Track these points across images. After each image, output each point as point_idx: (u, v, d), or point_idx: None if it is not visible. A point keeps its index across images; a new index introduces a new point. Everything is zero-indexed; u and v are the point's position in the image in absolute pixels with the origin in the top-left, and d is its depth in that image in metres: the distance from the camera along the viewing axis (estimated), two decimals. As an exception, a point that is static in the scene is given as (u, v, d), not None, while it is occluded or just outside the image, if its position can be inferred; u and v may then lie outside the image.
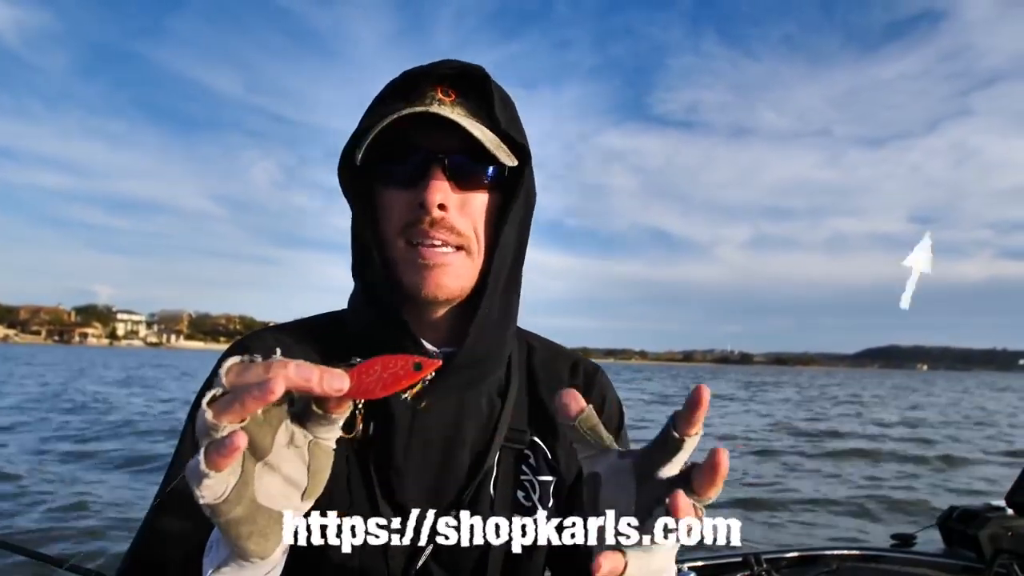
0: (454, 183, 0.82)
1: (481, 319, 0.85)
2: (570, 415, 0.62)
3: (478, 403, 0.89)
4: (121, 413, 15.95)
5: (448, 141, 0.80)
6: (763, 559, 2.42)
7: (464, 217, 0.83)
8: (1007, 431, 19.02)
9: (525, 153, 0.86)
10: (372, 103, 0.86)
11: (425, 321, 0.87)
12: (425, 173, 0.81)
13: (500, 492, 0.87)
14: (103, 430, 13.12)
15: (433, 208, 0.80)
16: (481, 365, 0.88)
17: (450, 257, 0.82)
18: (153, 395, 22.70)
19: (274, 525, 0.55)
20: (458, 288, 0.84)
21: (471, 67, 0.84)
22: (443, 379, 0.85)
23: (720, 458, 0.53)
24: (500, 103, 0.85)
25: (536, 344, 1.00)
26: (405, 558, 0.82)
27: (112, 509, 6.90)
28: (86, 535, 5.99)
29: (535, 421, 0.93)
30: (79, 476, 8.64)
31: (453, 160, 0.81)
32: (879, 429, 18.35)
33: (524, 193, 0.87)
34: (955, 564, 2.59)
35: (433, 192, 0.80)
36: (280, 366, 0.51)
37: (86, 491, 7.62)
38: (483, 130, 0.82)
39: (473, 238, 0.84)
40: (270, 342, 0.88)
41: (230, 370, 0.51)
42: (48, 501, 7.10)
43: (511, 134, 0.84)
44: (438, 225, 0.81)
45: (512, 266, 0.89)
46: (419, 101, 0.81)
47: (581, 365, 0.99)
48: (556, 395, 0.63)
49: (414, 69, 0.84)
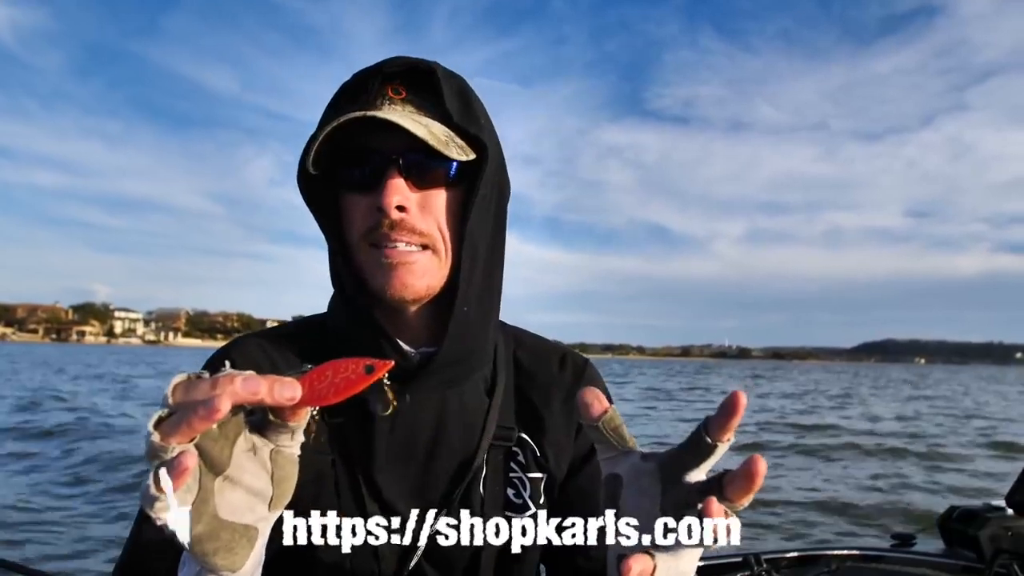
0: (412, 183, 0.80)
1: (458, 317, 0.83)
2: (593, 416, 0.61)
3: (462, 401, 0.88)
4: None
5: (403, 141, 0.78)
6: (763, 559, 2.42)
7: (426, 216, 0.81)
8: (998, 424, 19.09)
9: (483, 144, 0.83)
10: (326, 107, 0.85)
11: (402, 322, 0.86)
12: (381, 176, 0.80)
13: (490, 490, 0.87)
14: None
15: (391, 210, 0.78)
16: (462, 364, 0.87)
17: (414, 256, 0.81)
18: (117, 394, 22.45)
19: (240, 539, 0.54)
20: (424, 287, 0.82)
21: (417, 62, 0.83)
22: (423, 379, 0.84)
23: (758, 467, 0.53)
24: (452, 96, 0.83)
25: (523, 339, 0.99)
26: (396, 558, 0.81)
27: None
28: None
29: (523, 417, 0.92)
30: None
31: (408, 159, 0.80)
32: (874, 424, 18.39)
33: (487, 186, 0.84)
34: (955, 564, 2.59)
35: (390, 195, 0.78)
36: (226, 381, 0.50)
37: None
38: (429, 127, 0.79)
39: (438, 236, 0.82)
40: (251, 349, 0.88)
41: (176, 389, 0.51)
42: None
43: (463, 126, 0.82)
44: (399, 227, 0.80)
45: (487, 261, 0.86)
46: (368, 103, 0.80)
47: (569, 358, 0.98)
48: (578, 394, 0.62)
49: (363, 69, 0.83)
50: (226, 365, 0.54)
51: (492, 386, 0.91)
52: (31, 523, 6.59)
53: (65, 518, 6.92)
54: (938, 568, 2.59)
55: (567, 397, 0.95)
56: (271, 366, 0.86)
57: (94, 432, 12.71)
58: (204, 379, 0.51)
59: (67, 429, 13.02)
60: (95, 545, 5.99)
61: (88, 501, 7.79)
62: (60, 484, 8.61)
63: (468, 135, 0.82)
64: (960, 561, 2.60)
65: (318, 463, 0.82)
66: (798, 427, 16.65)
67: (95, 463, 9.74)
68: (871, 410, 23.50)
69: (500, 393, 0.91)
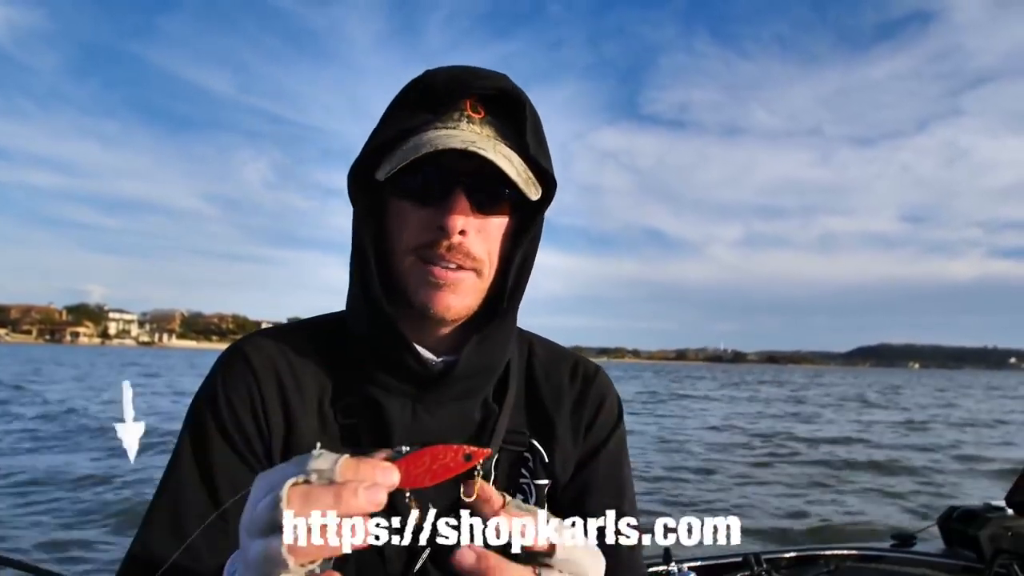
0: (475, 207, 0.80)
1: (485, 333, 0.84)
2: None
3: (474, 408, 0.88)
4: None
5: (474, 162, 0.77)
6: (763, 559, 2.42)
7: (481, 241, 0.81)
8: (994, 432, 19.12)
9: (550, 180, 0.84)
10: (393, 108, 0.82)
11: (426, 331, 0.86)
12: (447, 194, 0.79)
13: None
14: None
15: (454, 233, 0.78)
16: (479, 376, 0.87)
17: (461, 276, 0.81)
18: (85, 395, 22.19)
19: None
20: (466, 308, 0.83)
21: (507, 86, 0.81)
22: (442, 388, 0.85)
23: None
24: (532, 128, 0.82)
25: (537, 346, 1.00)
26: (403, 560, 0.81)
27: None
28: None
29: (534, 423, 0.93)
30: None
31: (478, 185, 0.79)
32: (875, 432, 18.42)
33: (541, 219, 0.86)
34: (955, 564, 2.59)
35: (456, 218, 0.78)
36: (350, 495, 0.50)
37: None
38: (511, 161, 0.79)
39: (487, 261, 0.82)
40: (269, 348, 0.87)
41: (292, 498, 0.49)
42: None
43: (538, 161, 0.82)
44: (456, 249, 0.79)
45: (519, 284, 0.87)
46: (447, 115, 0.79)
47: (581, 366, 0.99)
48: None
49: (442, 75, 0.81)
50: (316, 448, 0.53)
51: (503, 390, 0.91)
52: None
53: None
54: (938, 568, 2.59)
55: (576, 404, 0.95)
56: (288, 366, 0.85)
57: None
58: (324, 487, 0.50)
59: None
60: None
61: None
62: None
63: (537, 168, 0.82)
64: (960, 561, 2.60)
65: None
66: (792, 434, 16.66)
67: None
68: (869, 415, 23.42)
69: (511, 398, 0.91)
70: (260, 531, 0.50)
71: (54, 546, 5.95)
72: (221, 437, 0.81)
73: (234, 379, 0.84)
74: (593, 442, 0.94)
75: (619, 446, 0.96)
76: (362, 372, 0.86)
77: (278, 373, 0.84)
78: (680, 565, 2.07)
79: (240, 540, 0.54)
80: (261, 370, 0.84)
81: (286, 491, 0.49)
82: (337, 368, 0.87)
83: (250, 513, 0.52)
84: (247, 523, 0.52)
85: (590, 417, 0.95)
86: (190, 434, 0.83)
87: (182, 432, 0.83)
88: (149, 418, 10.58)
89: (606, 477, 0.93)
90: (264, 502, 0.51)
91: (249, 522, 0.52)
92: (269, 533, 0.50)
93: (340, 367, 0.87)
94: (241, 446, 0.81)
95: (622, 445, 0.97)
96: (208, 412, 0.82)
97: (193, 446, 0.82)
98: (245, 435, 0.82)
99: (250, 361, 0.85)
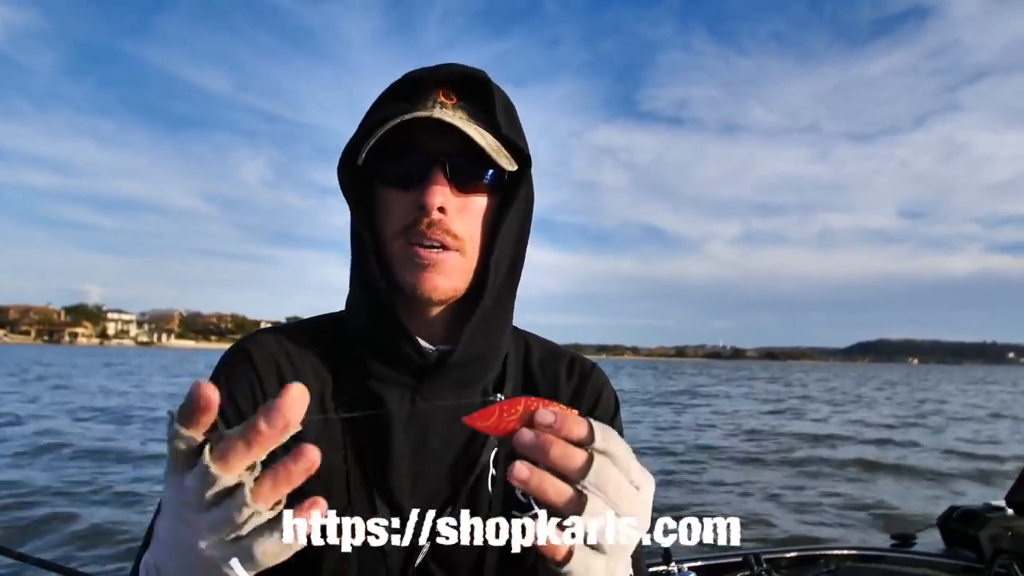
0: (454, 186, 0.82)
1: (476, 318, 0.86)
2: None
3: (473, 397, 0.89)
4: None
5: (448, 144, 0.81)
6: (763, 559, 2.42)
7: (462, 220, 0.83)
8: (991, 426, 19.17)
9: (525, 157, 0.86)
10: (374, 104, 0.86)
11: (421, 319, 0.87)
12: (426, 175, 0.81)
13: (498, 490, 0.87)
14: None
15: (433, 210, 0.80)
16: (475, 364, 0.88)
17: (444, 256, 0.83)
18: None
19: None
20: (451, 288, 0.84)
21: (473, 71, 0.86)
22: (438, 377, 0.86)
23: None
24: (501, 108, 0.86)
25: (533, 343, 1.01)
26: (403, 558, 0.82)
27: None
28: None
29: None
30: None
31: (453, 163, 0.82)
32: (875, 432, 18.45)
33: (523, 196, 0.88)
34: (955, 564, 2.59)
35: (434, 195, 0.80)
36: (255, 430, 0.50)
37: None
38: (483, 134, 0.82)
39: (468, 240, 0.84)
40: (270, 344, 0.89)
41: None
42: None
43: (511, 138, 0.84)
44: (436, 227, 0.81)
45: (509, 268, 0.89)
46: (421, 104, 0.82)
47: (578, 363, 1.00)
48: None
49: (416, 71, 0.85)
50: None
51: (501, 386, 0.92)
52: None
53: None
54: (938, 568, 2.59)
55: (574, 400, 0.96)
56: (289, 363, 0.87)
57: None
58: (232, 437, 0.51)
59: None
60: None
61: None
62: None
63: (512, 146, 0.85)
64: (960, 561, 2.60)
65: (330, 457, 0.81)
66: (792, 432, 16.68)
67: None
68: (865, 412, 23.46)
69: (508, 394, 0.92)
70: (202, 507, 0.51)
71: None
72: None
73: (237, 375, 0.85)
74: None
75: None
76: (361, 367, 0.87)
77: (279, 369, 0.86)
78: (680, 565, 2.07)
79: (168, 536, 0.55)
80: (263, 365, 0.86)
81: (207, 455, 0.50)
82: (337, 365, 0.88)
83: (178, 504, 0.52)
84: (179, 518, 0.53)
85: (587, 412, 0.95)
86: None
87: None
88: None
89: None
90: (191, 476, 0.50)
91: (179, 510, 0.52)
92: (213, 504, 0.50)
93: (340, 364, 0.88)
94: None
95: (619, 434, 0.98)
96: None
97: None
98: None
99: (252, 357, 0.86)
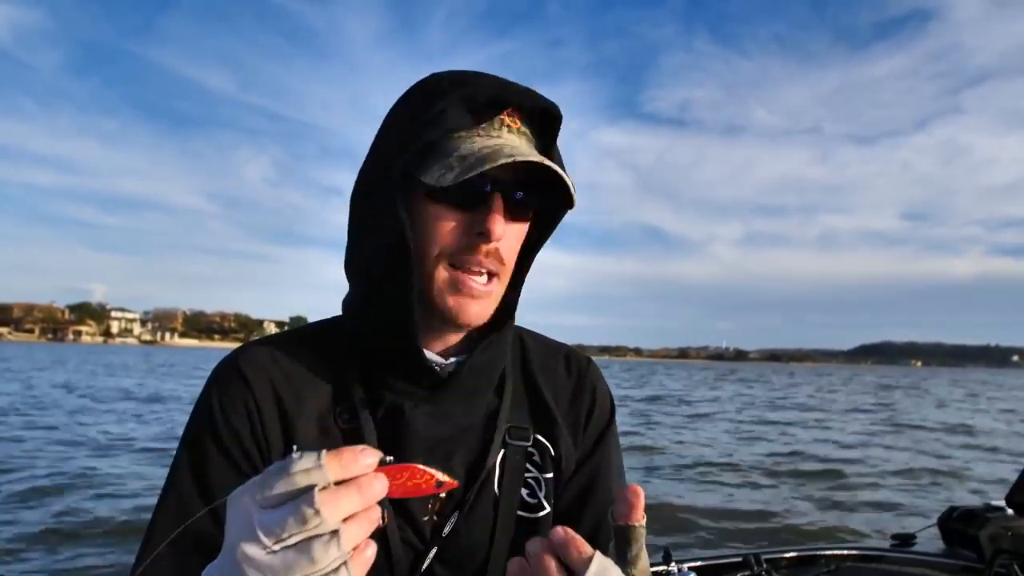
0: (508, 213, 0.81)
1: (495, 338, 0.87)
2: (626, 517, 0.64)
3: (479, 407, 0.90)
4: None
5: (509, 170, 0.77)
6: (763, 559, 2.42)
7: (510, 247, 0.84)
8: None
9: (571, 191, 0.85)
10: (425, 102, 0.79)
11: (438, 335, 0.87)
12: (487, 201, 0.79)
13: (505, 490, 0.88)
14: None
15: (496, 239, 0.79)
16: (482, 376, 0.89)
17: (491, 287, 0.83)
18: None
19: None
20: (487, 316, 0.85)
21: (550, 105, 0.82)
22: (451, 389, 0.86)
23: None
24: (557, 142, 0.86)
25: (528, 340, 1.01)
26: (410, 559, 0.82)
27: None
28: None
29: (536, 418, 0.94)
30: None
31: (516, 192, 0.81)
32: (875, 432, 18.36)
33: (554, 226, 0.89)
34: (955, 564, 2.59)
35: (499, 224, 0.79)
36: (368, 484, 0.54)
37: None
38: (564, 174, 0.80)
39: (509, 266, 0.85)
40: (263, 359, 0.86)
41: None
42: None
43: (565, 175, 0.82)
44: (492, 256, 0.81)
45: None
46: (488, 121, 0.79)
47: (573, 358, 1.01)
48: (624, 491, 0.65)
49: (485, 78, 0.81)
50: (294, 451, 0.54)
51: (501, 386, 0.92)
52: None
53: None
54: (938, 568, 2.59)
55: (574, 397, 0.97)
56: (284, 375, 0.85)
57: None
58: (344, 488, 0.53)
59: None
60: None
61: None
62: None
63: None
64: (960, 561, 2.60)
65: None
66: (792, 435, 16.58)
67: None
68: (874, 416, 23.29)
69: (509, 393, 0.92)
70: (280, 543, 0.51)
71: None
72: (220, 455, 0.81)
73: (230, 394, 0.83)
74: (593, 433, 0.96)
75: (615, 435, 0.99)
76: (363, 375, 0.86)
77: (273, 384, 0.84)
78: (680, 565, 2.07)
79: (228, 556, 0.53)
80: (256, 383, 0.83)
81: (317, 495, 0.51)
82: (335, 373, 0.87)
83: (256, 518, 0.52)
84: (247, 531, 0.52)
85: (588, 408, 0.97)
86: (188, 452, 0.82)
87: (179, 449, 0.83)
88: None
89: (609, 466, 0.96)
90: (283, 512, 0.51)
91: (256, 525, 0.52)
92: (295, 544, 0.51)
93: (338, 372, 0.87)
94: (241, 463, 0.81)
95: (616, 434, 1.00)
96: (206, 430, 0.82)
97: (192, 465, 0.81)
98: (244, 451, 0.81)
99: (245, 374, 0.84)
